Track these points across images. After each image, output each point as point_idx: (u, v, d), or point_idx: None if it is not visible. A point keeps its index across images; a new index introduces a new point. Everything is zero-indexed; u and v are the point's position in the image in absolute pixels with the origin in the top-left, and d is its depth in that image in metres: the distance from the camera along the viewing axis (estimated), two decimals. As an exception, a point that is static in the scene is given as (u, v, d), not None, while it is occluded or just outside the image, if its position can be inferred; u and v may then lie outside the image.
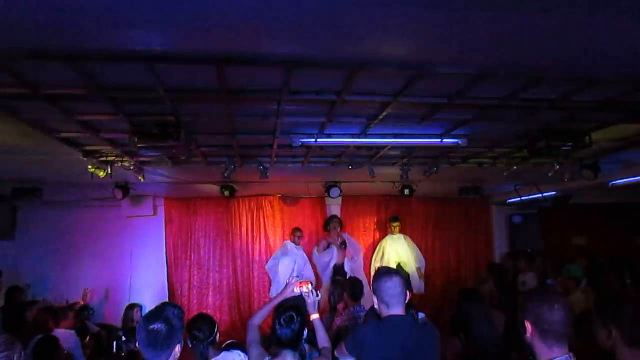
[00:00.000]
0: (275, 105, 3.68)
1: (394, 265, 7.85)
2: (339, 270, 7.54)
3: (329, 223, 7.98)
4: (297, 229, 8.06)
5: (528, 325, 1.98)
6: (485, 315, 3.45)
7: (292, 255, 7.76)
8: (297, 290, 3.24)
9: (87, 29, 2.38)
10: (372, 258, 8.54)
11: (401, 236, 8.40)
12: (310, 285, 3.26)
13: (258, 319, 3.18)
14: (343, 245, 7.64)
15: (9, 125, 3.87)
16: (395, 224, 8.33)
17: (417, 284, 8.09)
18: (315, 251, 7.84)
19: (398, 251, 8.24)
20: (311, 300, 3.21)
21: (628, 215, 8.84)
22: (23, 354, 1.94)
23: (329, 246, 7.75)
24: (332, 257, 7.60)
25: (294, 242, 7.94)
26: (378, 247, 8.49)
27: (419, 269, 8.21)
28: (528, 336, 1.99)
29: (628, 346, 2.10)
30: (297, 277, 3.42)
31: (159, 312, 2.17)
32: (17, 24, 2.30)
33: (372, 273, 8.12)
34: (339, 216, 8.54)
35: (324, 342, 3.10)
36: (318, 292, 3.27)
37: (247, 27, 2.42)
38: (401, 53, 2.80)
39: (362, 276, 7.49)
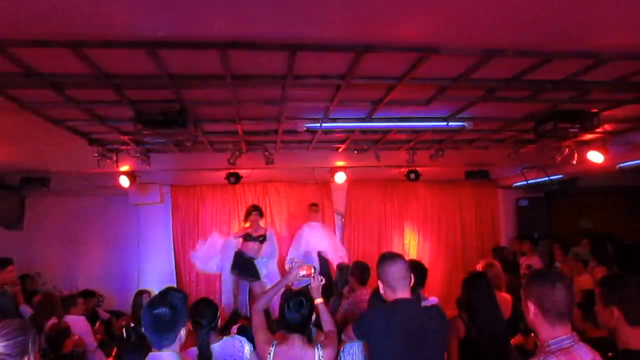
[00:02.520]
0: (280, 90, 3.67)
1: (314, 255, 7.45)
2: (248, 262, 7.02)
3: (249, 214, 7.11)
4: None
5: (530, 305, 1.97)
6: (490, 298, 3.45)
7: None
8: (300, 274, 3.26)
9: (88, 14, 2.37)
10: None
11: (319, 224, 7.92)
12: (313, 270, 3.28)
13: (263, 304, 3.20)
14: (261, 238, 7.04)
15: (14, 114, 3.88)
16: (315, 208, 7.86)
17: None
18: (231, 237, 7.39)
19: (317, 240, 7.69)
20: (315, 284, 3.23)
21: (636, 197, 8.78)
22: (37, 338, 1.97)
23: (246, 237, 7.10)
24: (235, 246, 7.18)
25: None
26: (297, 234, 7.93)
27: (341, 258, 7.59)
28: (531, 316, 1.98)
29: (630, 325, 2.11)
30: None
31: (162, 297, 2.19)
32: (18, 11, 2.30)
33: (287, 262, 7.68)
34: (345, 203, 8.54)
35: (329, 326, 3.13)
36: (322, 276, 3.29)
37: (250, 10, 2.40)
38: (407, 34, 2.77)
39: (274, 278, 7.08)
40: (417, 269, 4.18)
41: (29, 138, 4.74)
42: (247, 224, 7.09)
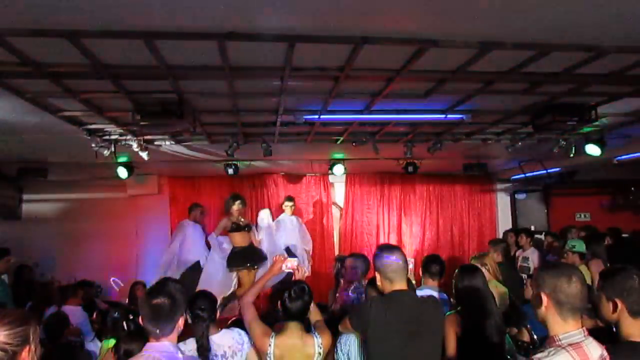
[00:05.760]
0: (278, 81, 3.66)
1: (283, 248, 7.36)
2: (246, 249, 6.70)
3: (230, 205, 6.84)
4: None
5: (544, 298, 1.95)
6: (482, 291, 3.47)
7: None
8: (284, 267, 3.28)
9: (85, 4, 2.35)
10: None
11: (293, 217, 7.86)
12: (296, 261, 3.31)
13: (251, 296, 3.23)
14: (247, 228, 6.81)
15: (12, 104, 3.86)
16: (290, 204, 7.81)
17: (306, 265, 7.65)
18: (213, 233, 6.98)
19: (288, 233, 7.68)
20: (299, 276, 3.26)
21: (633, 191, 8.81)
22: (38, 328, 1.97)
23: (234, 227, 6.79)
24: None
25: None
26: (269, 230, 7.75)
27: (307, 252, 7.80)
28: (543, 309, 1.96)
29: (633, 318, 2.11)
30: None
31: (161, 287, 2.21)
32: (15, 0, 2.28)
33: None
34: (343, 195, 8.56)
35: (317, 316, 3.18)
36: (305, 268, 3.33)
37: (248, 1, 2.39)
38: (404, 26, 2.76)
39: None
40: (436, 262, 4.30)
41: (26, 127, 4.73)
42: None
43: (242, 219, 6.81)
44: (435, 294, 4.06)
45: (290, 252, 7.23)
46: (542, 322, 2.00)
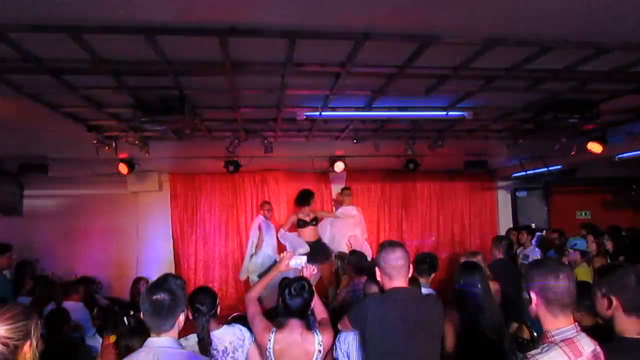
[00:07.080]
0: (279, 77, 3.65)
1: (345, 241, 7.64)
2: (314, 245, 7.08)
3: (309, 199, 7.39)
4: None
5: (533, 295, 1.96)
6: (482, 288, 3.47)
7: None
8: (292, 264, 3.28)
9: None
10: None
11: (351, 207, 8.01)
12: (305, 259, 3.30)
13: (256, 293, 3.24)
14: (314, 221, 7.30)
15: (12, 100, 3.86)
16: (347, 192, 8.03)
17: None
18: (281, 229, 7.31)
19: (351, 223, 7.89)
20: (307, 273, 3.26)
21: (635, 189, 8.80)
22: (39, 323, 1.98)
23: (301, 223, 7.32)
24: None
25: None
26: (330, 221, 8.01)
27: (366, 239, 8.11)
28: (533, 306, 1.97)
29: (627, 315, 2.12)
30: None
31: (161, 283, 2.21)
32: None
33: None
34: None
35: (322, 313, 3.17)
36: (313, 266, 3.32)
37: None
38: (406, 22, 2.75)
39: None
40: (424, 261, 4.31)
41: (27, 124, 4.72)
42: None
43: (310, 214, 7.26)
44: (426, 291, 4.06)
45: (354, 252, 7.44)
46: (535, 319, 2.02)
